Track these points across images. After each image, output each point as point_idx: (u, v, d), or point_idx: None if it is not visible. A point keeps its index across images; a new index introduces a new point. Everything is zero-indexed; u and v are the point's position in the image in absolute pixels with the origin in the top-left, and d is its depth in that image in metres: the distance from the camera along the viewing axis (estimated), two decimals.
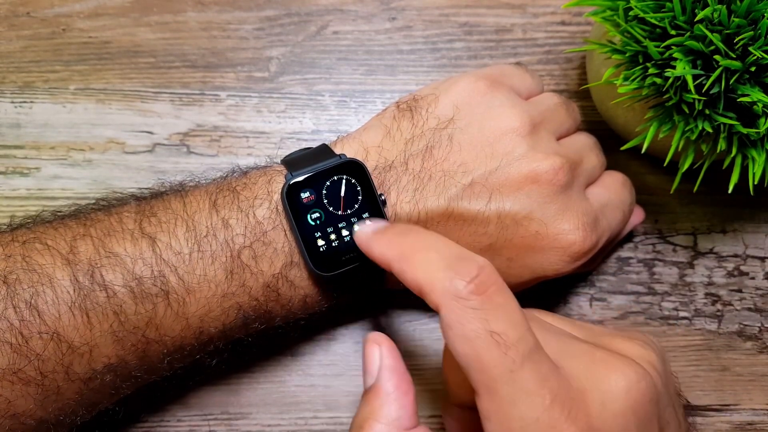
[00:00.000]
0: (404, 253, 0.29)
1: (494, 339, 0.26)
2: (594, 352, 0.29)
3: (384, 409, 0.29)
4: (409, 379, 0.30)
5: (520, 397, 0.26)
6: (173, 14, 0.47)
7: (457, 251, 0.28)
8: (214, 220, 0.34)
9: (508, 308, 0.27)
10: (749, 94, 0.32)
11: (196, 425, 0.41)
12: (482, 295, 0.26)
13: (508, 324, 0.26)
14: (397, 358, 0.30)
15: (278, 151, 0.45)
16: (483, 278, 0.27)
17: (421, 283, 0.28)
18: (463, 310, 0.26)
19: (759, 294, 0.44)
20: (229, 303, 0.34)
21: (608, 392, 0.27)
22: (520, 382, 0.26)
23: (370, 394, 0.30)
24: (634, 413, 0.27)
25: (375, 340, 0.31)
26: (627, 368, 0.28)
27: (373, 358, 0.30)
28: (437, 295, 0.27)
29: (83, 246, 0.32)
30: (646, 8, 0.34)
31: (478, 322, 0.26)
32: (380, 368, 0.30)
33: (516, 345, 0.26)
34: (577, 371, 0.28)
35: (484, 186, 0.35)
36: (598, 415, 0.27)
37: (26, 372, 0.30)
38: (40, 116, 0.45)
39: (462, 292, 0.26)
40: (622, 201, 0.40)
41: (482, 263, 0.27)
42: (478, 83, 0.37)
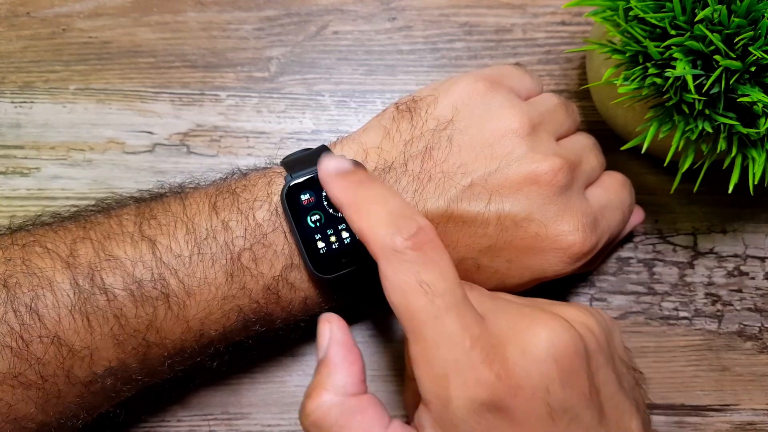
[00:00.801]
0: (355, 203, 0.30)
1: (423, 288, 0.28)
2: (523, 309, 0.31)
3: (331, 378, 0.31)
4: (357, 351, 0.32)
5: (443, 340, 0.28)
6: (173, 14, 0.47)
7: (401, 208, 0.30)
8: (213, 222, 0.34)
9: (441, 263, 0.29)
10: (749, 94, 0.32)
11: (196, 425, 0.41)
12: (417, 251, 0.28)
13: (438, 276, 0.28)
14: (346, 333, 0.32)
15: (278, 151, 0.45)
16: (421, 236, 0.29)
17: (364, 234, 0.29)
18: (399, 263, 0.28)
19: (759, 294, 0.44)
20: (229, 305, 0.34)
21: (529, 342, 0.29)
22: (443, 327, 0.28)
23: (320, 365, 0.31)
24: (555, 361, 0.28)
25: (327, 318, 0.32)
26: (551, 322, 0.30)
27: (324, 334, 0.32)
28: (377, 247, 0.29)
29: (83, 249, 0.32)
30: (646, 8, 0.34)
31: (411, 274, 0.28)
32: (329, 342, 0.32)
33: (443, 295, 0.28)
34: (502, 323, 0.30)
35: (483, 187, 0.35)
36: (517, 361, 0.28)
37: (27, 376, 0.30)
38: (40, 116, 0.45)
39: (399, 246, 0.28)
40: (622, 201, 0.40)
41: (422, 223, 0.29)
42: (478, 84, 0.37)
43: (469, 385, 0.27)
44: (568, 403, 0.28)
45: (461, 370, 0.28)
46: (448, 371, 0.28)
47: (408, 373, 0.35)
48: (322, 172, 0.32)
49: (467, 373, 0.27)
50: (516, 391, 0.28)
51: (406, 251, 0.28)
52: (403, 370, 0.42)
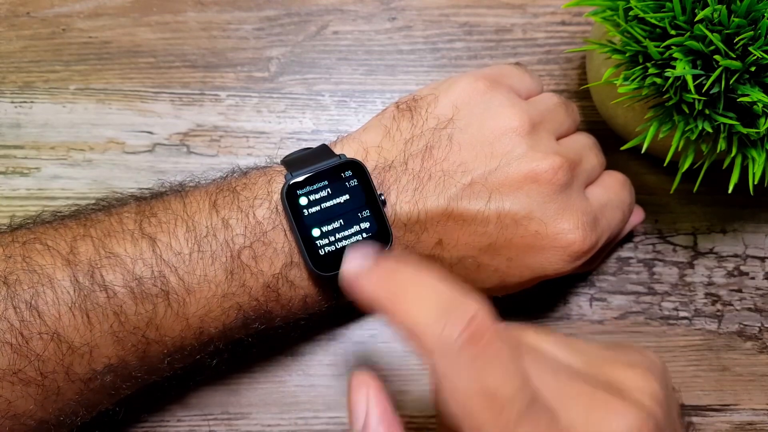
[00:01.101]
0: (394, 297, 0.26)
1: (488, 396, 0.24)
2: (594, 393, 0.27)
3: None
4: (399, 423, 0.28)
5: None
6: (173, 14, 0.47)
7: (449, 294, 0.26)
8: (214, 220, 0.34)
9: (503, 359, 0.25)
10: (749, 94, 0.32)
11: (196, 425, 0.41)
12: (476, 346, 0.24)
13: (503, 378, 0.24)
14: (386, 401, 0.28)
15: (278, 151, 0.45)
16: (476, 328, 0.25)
17: (412, 330, 0.25)
18: (456, 362, 0.24)
19: (759, 294, 0.44)
20: (229, 303, 0.34)
21: None
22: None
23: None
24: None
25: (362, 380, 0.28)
26: (629, 412, 0.26)
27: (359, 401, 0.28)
28: (429, 345, 0.25)
29: (83, 246, 0.32)
30: (646, 8, 0.34)
31: (472, 376, 0.24)
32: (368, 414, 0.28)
33: (511, 402, 0.24)
34: (576, 417, 0.26)
35: (483, 186, 0.35)
36: None
37: (26, 373, 0.30)
38: (40, 116, 0.45)
39: (454, 345, 0.24)
40: (622, 201, 0.40)
41: (476, 309, 0.25)
42: (478, 83, 0.37)
43: None
44: None
45: None
46: None
47: None
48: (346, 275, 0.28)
49: None
50: None
51: (464, 347, 0.24)
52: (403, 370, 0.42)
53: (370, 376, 0.28)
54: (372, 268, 0.28)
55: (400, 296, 0.26)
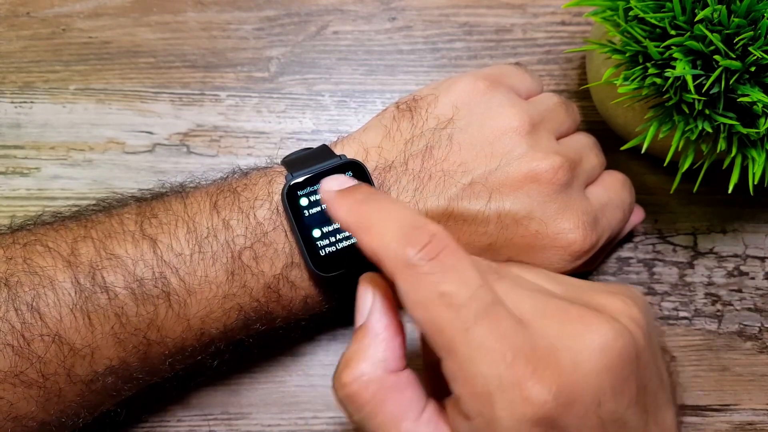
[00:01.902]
0: (362, 222, 0.28)
1: (445, 300, 0.26)
2: (569, 309, 0.28)
3: (371, 348, 0.28)
4: (400, 323, 0.29)
5: (479, 354, 0.25)
6: (173, 14, 0.47)
7: (411, 219, 0.28)
8: (214, 221, 0.34)
9: (459, 268, 0.26)
10: (749, 94, 0.32)
11: (196, 425, 0.41)
12: (433, 260, 0.26)
13: (458, 284, 0.26)
14: (390, 300, 0.30)
15: (278, 151, 0.45)
16: (434, 244, 0.27)
17: (376, 253, 0.27)
18: (415, 276, 0.26)
19: (759, 294, 0.44)
20: (230, 304, 0.34)
21: (581, 351, 0.26)
22: (476, 340, 0.25)
23: (360, 332, 0.29)
24: (609, 372, 0.26)
25: (370, 280, 0.30)
26: (604, 326, 0.27)
27: (365, 298, 0.30)
28: (391, 265, 0.27)
29: (84, 248, 0.32)
30: (646, 8, 0.34)
31: (430, 286, 0.26)
32: (372, 308, 0.29)
33: (467, 303, 0.26)
34: (548, 329, 0.27)
35: (483, 186, 0.35)
36: (569, 374, 0.26)
37: (28, 374, 0.30)
38: (40, 116, 0.45)
39: (413, 259, 0.26)
40: (622, 200, 0.40)
41: (434, 230, 0.27)
42: (478, 83, 0.37)
43: (517, 404, 0.25)
44: (618, 413, 0.27)
45: (506, 387, 0.25)
46: (491, 389, 0.25)
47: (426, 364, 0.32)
48: (323, 193, 0.31)
49: (513, 390, 0.25)
50: (569, 407, 0.25)
51: (421, 263, 0.26)
52: None
53: (379, 276, 0.30)
54: (345, 193, 0.30)
55: (367, 221, 0.28)
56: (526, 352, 0.25)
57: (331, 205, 0.30)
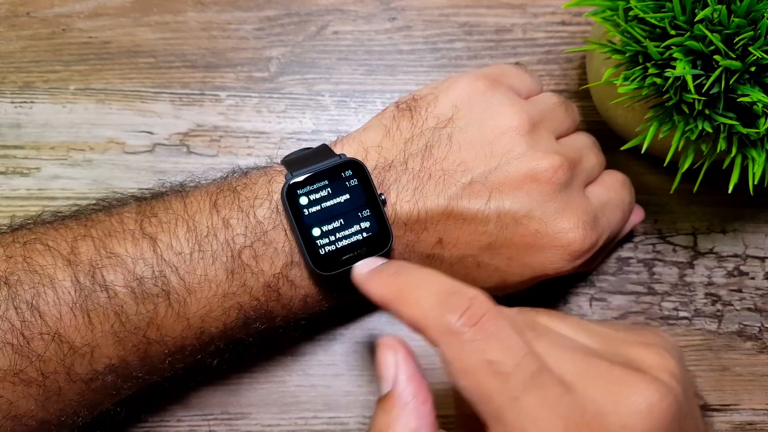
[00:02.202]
0: (398, 295, 0.29)
1: (492, 368, 0.26)
2: (612, 369, 0.28)
3: (402, 419, 0.28)
4: (428, 387, 0.29)
5: (529, 424, 0.25)
6: (173, 14, 0.47)
7: (447, 286, 0.28)
8: (214, 220, 0.34)
9: (502, 334, 0.26)
10: (749, 94, 0.32)
11: (196, 425, 0.41)
12: (475, 326, 0.26)
13: (504, 351, 0.26)
14: (414, 365, 0.29)
15: (278, 151, 0.45)
16: (475, 309, 0.27)
17: (416, 322, 0.28)
18: (459, 344, 0.26)
19: (759, 294, 0.44)
20: (229, 303, 0.34)
21: (628, 414, 0.26)
22: (526, 410, 0.25)
23: (387, 403, 0.28)
24: None
25: (390, 345, 0.29)
26: (648, 387, 0.27)
27: (388, 364, 0.29)
28: (433, 333, 0.27)
29: (84, 247, 0.32)
30: (646, 8, 0.34)
31: (474, 354, 0.26)
32: (396, 375, 0.29)
33: (515, 372, 0.26)
34: (594, 392, 0.27)
35: (483, 185, 0.35)
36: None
37: (28, 373, 0.30)
38: (40, 116, 0.45)
39: (455, 326, 0.26)
40: (622, 200, 0.40)
41: (473, 294, 0.27)
42: (477, 83, 0.37)
43: None
44: None
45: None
46: None
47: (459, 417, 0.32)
48: (356, 278, 0.32)
49: None
50: None
51: (464, 329, 0.26)
52: None
53: (397, 340, 0.29)
54: (379, 270, 0.31)
55: (404, 293, 0.29)
56: (576, 420, 0.25)
57: (366, 285, 0.31)
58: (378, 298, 0.30)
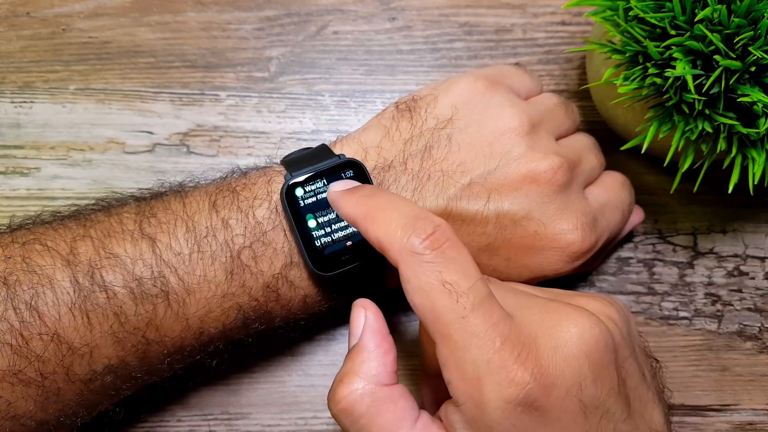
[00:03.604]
0: (368, 213, 0.30)
1: (446, 288, 0.27)
2: (548, 303, 0.30)
3: (365, 365, 0.30)
4: (391, 341, 0.31)
5: (472, 341, 0.27)
6: (173, 14, 0.47)
7: (415, 211, 0.29)
8: (213, 220, 0.34)
9: (461, 260, 0.28)
10: (749, 94, 0.32)
11: (196, 425, 0.41)
12: (436, 250, 0.28)
13: (460, 274, 0.28)
14: (381, 321, 0.31)
15: (278, 151, 0.45)
16: (438, 235, 0.28)
17: (381, 241, 0.29)
18: (419, 264, 0.28)
19: (759, 294, 0.44)
20: (229, 303, 0.34)
21: (560, 337, 0.28)
22: (471, 327, 0.27)
23: (353, 351, 0.31)
24: (587, 357, 0.28)
25: (362, 304, 0.32)
26: (580, 316, 0.29)
27: (358, 320, 0.31)
28: (395, 252, 0.28)
29: (83, 247, 0.32)
30: (646, 8, 0.34)
31: (432, 274, 0.28)
32: (364, 328, 0.31)
33: (467, 293, 0.27)
34: (530, 320, 0.29)
35: (482, 186, 0.35)
36: (549, 358, 0.28)
37: (26, 373, 0.30)
38: (40, 116, 0.45)
39: (417, 248, 0.28)
40: (622, 201, 0.40)
41: (438, 222, 0.29)
42: (477, 83, 0.37)
43: (503, 386, 0.27)
44: (599, 399, 0.28)
45: (494, 370, 0.27)
46: (480, 373, 0.27)
47: (426, 370, 0.34)
48: (331, 194, 0.32)
49: (500, 373, 0.27)
50: (550, 389, 0.27)
51: (425, 251, 0.28)
52: (410, 368, 0.42)
53: (368, 301, 0.32)
54: (353, 190, 0.32)
55: (373, 212, 0.30)
56: (512, 339, 0.27)
57: (338, 202, 0.32)
58: (349, 216, 0.31)
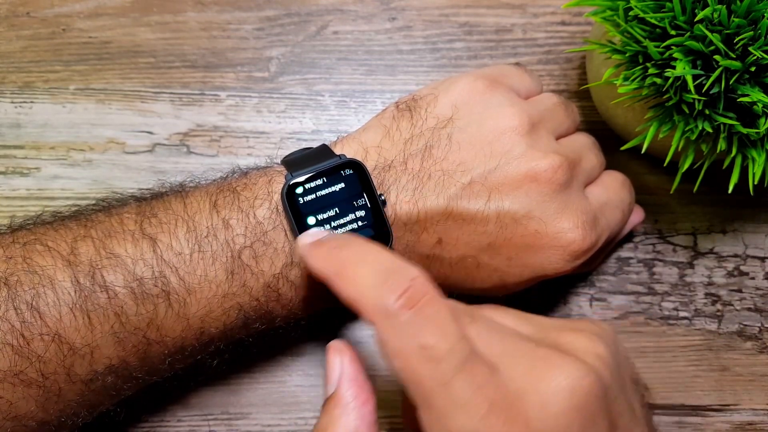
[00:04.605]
0: (338, 269, 0.28)
1: (425, 353, 0.26)
2: (536, 350, 0.28)
3: (342, 419, 0.28)
4: (370, 389, 0.29)
5: (455, 408, 0.25)
6: (173, 14, 0.47)
7: (388, 264, 0.28)
8: (214, 220, 0.34)
9: (439, 319, 0.26)
10: (749, 94, 0.32)
11: (196, 425, 0.41)
12: (412, 309, 0.26)
13: (438, 336, 0.26)
14: (358, 367, 0.30)
15: (278, 151, 0.45)
16: (413, 292, 0.26)
17: (354, 301, 0.27)
18: (394, 327, 0.26)
19: (759, 294, 0.44)
20: (229, 303, 0.34)
21: (548, 392, 0.27)
22: (453, 394, 0.25)
23: (330, 403, 0.29)
24: (577, 411, 0.27)
25: (337, 348, 0.30)
26: (569, 366, 0.27)
27: (334, 367, 0.30)
28: (369, 313, 0.27)
29: (84, 247, 0.32)
30: (646, 8, 0.34)
31: (409, 338, 0.26)
32: (340, 377, 0.29)
33: (447, 357, 0.26)
34: (516, 373, 0.27)
35: (483, 185, 0.35)
36: (537, 417, 0.26)
37: (28, 374, 0.30)
38: (40, 116, 0.45)
39: (392, 309, 0.26)
40: (622, 200, 0.40)
41: (414, 275, 0.27)
42: (477, 83, 0.37)
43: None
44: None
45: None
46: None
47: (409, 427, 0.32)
48: (299, 249, 0.31)
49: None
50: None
51: (401, 311, 0.26)
52: None
53: (345, 345, 0.30)
54: (320, 243, 0.30)
55: (344, 269, 0.28)
56: (499, 402, 0.26)
57: (307, 258, 0.30)
58: (318, 273, 0.29)
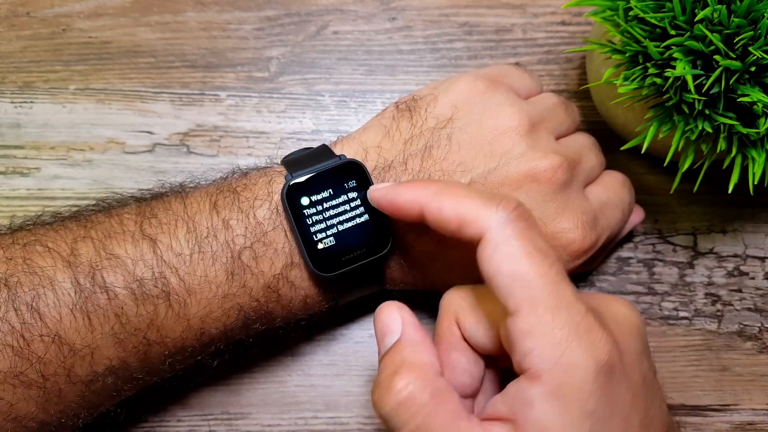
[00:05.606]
0: (440, 191, 0.30)
1: (540, 254, 0.28)
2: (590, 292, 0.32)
3: (417, 355, 0.29)
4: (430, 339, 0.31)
5: (565, 305, 0.27)
6: (173, 14, 0.47)
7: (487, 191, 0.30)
8: (214, 221, 0.34)
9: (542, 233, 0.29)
10: (749, 94, 0.32)
11: (196, 425, 0.41)
12: (527, 221, 0.29)
13: (548, 245, 0.29)
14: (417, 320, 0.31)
15: (278, 151, 0.45)
16: (523, 209, 0.29)
17: (461, 213, 0.29)
18: (511, 231, 0.28)
19: (759, 294, 0.44)
20: (229, 304, 0.34)
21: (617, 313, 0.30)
22: (563, 293, 0.27)
23: (397, 347, 0.30)
24: (638, 334, 0.30)
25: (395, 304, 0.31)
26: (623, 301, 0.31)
27: (394, 318, 0.31)
28: (480, 221, 0.28)
29: (84, 248, 0.32)
30: (646, 8, 0.34)
31: (526, 240, 0.28)
32: (404, 325, 0.30)
33: (557, 262, 0.28)
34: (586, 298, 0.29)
35: (483, 185, 0.35)
36: (614, 329, 0.29)
37: (28, 375, 0.30)
38: (40, 116, 0.45)
39: (509, 216, 0.28)
40: (622, 200, 0.40)
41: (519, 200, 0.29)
42: (477, 83, 0.37)
43: (594, 347, 0.27)
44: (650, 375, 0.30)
45: (584, 333, 0.27)
46: (571, 336, 0.27)
47: None
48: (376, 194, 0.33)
49: (589, 336, 0.27)
50: (623, 356, 0.28)
51: (517, 221, 0.28)
52: None
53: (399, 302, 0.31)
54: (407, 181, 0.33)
55: (443, 194, 0.30)
56: (593, 308, 0.28)
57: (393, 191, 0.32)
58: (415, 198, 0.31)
